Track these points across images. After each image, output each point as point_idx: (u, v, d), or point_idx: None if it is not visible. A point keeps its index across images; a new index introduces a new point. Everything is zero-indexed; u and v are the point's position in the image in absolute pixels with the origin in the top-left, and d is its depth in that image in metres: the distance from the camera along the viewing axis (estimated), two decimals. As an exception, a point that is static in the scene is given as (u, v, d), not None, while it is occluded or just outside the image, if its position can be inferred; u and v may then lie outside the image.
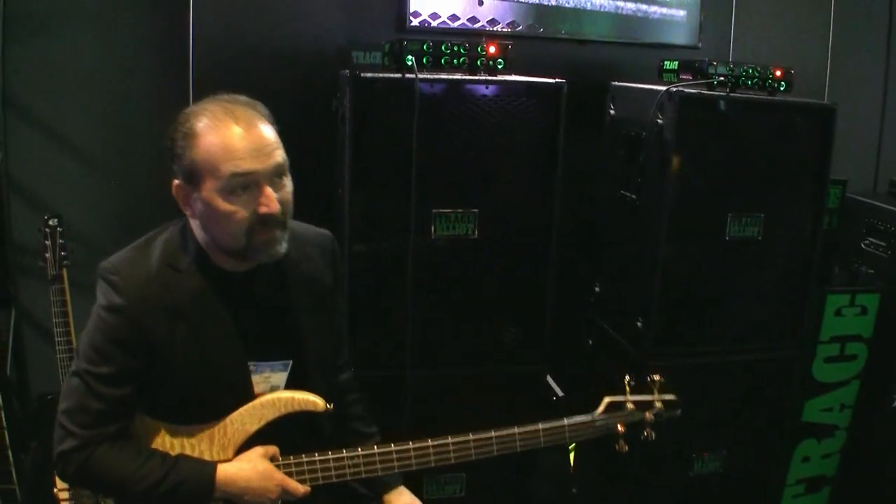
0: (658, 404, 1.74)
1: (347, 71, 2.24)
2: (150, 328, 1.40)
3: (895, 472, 2.70)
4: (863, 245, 2.89)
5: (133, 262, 1.44)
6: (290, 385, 1.54)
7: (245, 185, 1.37)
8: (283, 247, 1.44)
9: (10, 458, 2.36)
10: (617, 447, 1.73)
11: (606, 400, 1.72)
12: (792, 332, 2.61)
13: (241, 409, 1.45)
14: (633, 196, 2.51)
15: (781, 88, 2.47)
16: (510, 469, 2.49)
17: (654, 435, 1.74)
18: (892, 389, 2.66)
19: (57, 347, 2.29)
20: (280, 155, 1.41)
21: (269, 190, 1.38)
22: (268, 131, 1.40)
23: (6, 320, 2.63)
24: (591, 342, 2.84)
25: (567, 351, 2.83)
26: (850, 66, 3.28)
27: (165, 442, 1.42)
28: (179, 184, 1.42)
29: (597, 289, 2.82)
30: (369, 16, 2.68)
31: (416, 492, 1.79)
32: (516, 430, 1.60)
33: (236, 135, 1.36)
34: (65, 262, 2.32)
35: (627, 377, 1.75)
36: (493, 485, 2.51)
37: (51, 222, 2.32)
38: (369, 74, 2.20)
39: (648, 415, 1.73)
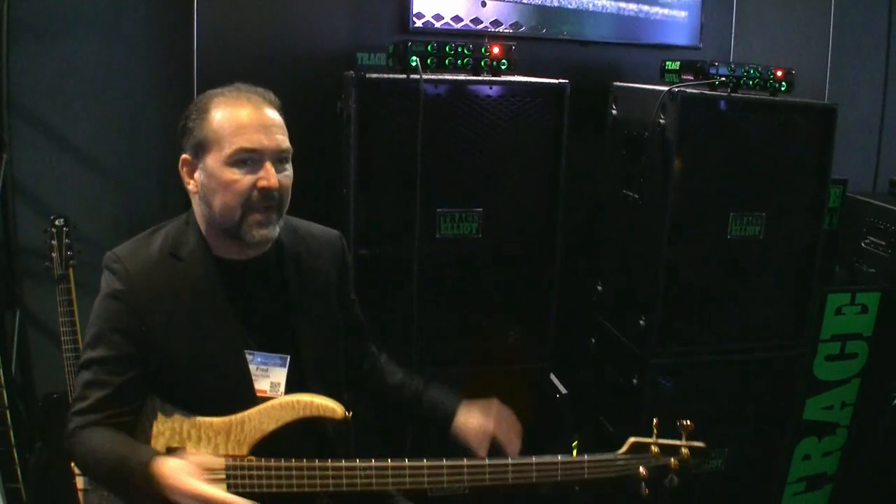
0: (685, 451, 1.62)
1: (352, 72, 2.26)
2: (148, 315, 1.44)
3: (896, 470, 2.72)
4: (863, 244, 2.91)
5: (135, 252, 1.49)
6: (290, 383, 1.55)
7: (249, 159, 1.43)
8: (275, 231, 1.48)
9: (15, 457, 2.37)
10: (637, 491, 1.62)
11: (631, 440, 1.62)
12: (793, 330, 2.63)
13: (260, 408, 1.46)
14: (636, 195, 2.53)
15: (782, 89, 2.49)
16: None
17: (677, 481, 1.63)
18: (892, 388, 2.67)
19: (63, 347, 2.30)
20: (285, 141, 1.48)
21: (270, 167, 1.44)
22: (276, 115, 1.48)
23: (11, 321, 2.64)
24: (594, 340, 2.86)
25: (571, 349, 2.84)
26: (850, 66, 3.29)
27: (183, 431, 1.43)
28: (186, 157, 1.49)
29: (599, 287, 2.84)
30: (373, 17, 2.70)
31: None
32: (534, 459, 1.57)
33: (246, 112, 1.44)
34: (71, 262, 2.33)
35: (655, 420, 1.64)
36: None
37: (57, 222, 2.34)
38: (374, 75, 2.22)
39: (674, 461, 1.61)
